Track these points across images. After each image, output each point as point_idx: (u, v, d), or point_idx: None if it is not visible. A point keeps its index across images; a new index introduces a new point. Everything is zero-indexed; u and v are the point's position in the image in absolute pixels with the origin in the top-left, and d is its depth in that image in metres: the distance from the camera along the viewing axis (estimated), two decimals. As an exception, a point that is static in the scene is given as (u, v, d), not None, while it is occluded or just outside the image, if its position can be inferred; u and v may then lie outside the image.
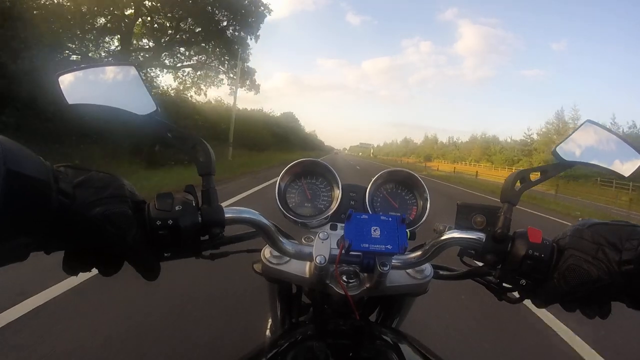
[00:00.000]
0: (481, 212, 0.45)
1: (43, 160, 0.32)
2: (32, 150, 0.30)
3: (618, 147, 0.44)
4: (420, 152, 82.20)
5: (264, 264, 0.51)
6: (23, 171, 0.28)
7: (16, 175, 0.27)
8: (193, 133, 0.42)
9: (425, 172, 25.12)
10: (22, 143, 0.30)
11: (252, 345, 0.49)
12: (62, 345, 1.46)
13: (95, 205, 0.34)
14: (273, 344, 0.51)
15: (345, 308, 0.47)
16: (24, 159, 0.29)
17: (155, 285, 1.94)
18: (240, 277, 2.12)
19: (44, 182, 0.30)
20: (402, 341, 0.47)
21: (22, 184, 0.28)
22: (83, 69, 0.41)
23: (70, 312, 1.74)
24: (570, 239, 0.40)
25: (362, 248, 0.41)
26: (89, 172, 0.36)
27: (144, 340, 1.56)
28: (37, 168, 0.30)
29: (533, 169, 0.44)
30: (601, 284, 0.37)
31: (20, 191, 0.28)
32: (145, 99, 0.41)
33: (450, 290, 2.31)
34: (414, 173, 0.58)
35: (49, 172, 0.31)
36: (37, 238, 0.31)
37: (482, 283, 0.49)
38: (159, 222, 0.37)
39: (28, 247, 0.31)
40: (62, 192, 0.32)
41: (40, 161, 0.31)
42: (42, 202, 0.30)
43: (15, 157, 0.28)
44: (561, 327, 2.07)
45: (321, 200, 0.58)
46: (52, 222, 0.31)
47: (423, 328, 1.79)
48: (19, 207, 0.28)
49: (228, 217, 0.41)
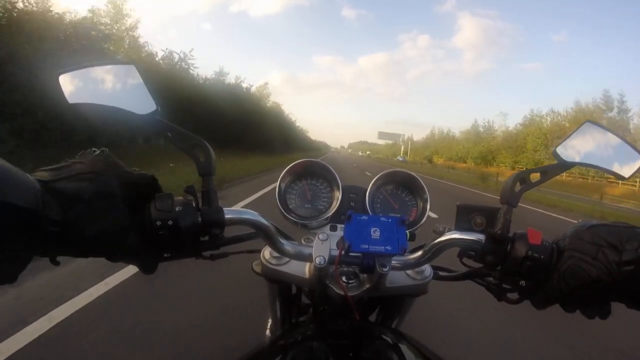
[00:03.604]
0: (481, 213, 0.45)
1: (30, 181, 0.30)
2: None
3: (618, 147, 0.44)
4: (419, 151, 76.67)
5: (263, 265, 0.51)
6: (10, 201, 0.26)
7: (3, 205, 0.26)
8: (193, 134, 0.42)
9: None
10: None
11: (252, 345, 0.49)
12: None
13: (87, 222, 0.33)
14: (273, 344, 0.52)
15: (345, 308, 0.47)
16: (11, 185, 0.27)
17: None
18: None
19: (33, 212, 0.28)
20: (402, 341, 0.47)
21: (9, 214, 0.26)
22: (83, 68, 0.41)
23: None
24: (570, 240, 0.40)
25: (362, 249, 0.41)
26: (73, 178, 0.34)
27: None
28: (25, 195, 0.28)
29: (533, 170, 0.44)
30: (601, 285, 0.37)
31: (8, 222, 0.27)
32: (145, 98, 0.41)
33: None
34: (414, 174, 0.58)
35: (38, 197, 0.29)
36: (25, 264, 0.30)
37: (481, 284, 0.49)
38: (159, 222, 0.37)
39: (16, 272, 0.30)
40: (52, 222, 0.31)
41: (27, 184, 0.29)
42: (30, 232, 0.29)
43: (2, 184, 0.26)
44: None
45: (321, 201, 0.58)
46: (44, 247, 0.31)
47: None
48: (6, 238, 0.27)
49: (228, 217, 0.41)
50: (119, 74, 0.42)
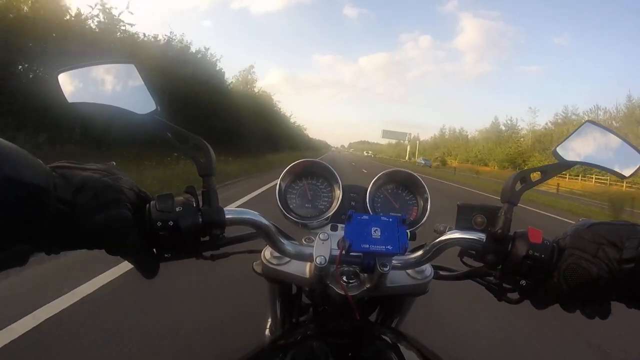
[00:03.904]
0: (481, 213, 0.45)
1: (43, 165, 0.31)
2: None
3: (618, 147, 0.44)
4: (428, 152, 67.56)
5: (264, 265, 0.51)
6: (22, 178, 0.27)
7: (15, 182, 0.26)
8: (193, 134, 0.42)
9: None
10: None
11: (252, 345, 0.49)
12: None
13: (95, 211, 0.33)
14: (273, 344, 0.51)
15: (345, 308, 0.47)
16: (23, 164, 0.28)
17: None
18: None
19: (44, 189, 0.29)
20: (402, 341, 0.47)
21: (21, 191, 0.27)
22: (83, 67, 0.41)
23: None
24: (571, 239, 0.40)
25: (363, 249, 0.41)
26: (87, 170, 0.35)
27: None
28: (36, 174, 0.29)
29: (533, 169, 0.44)
30: (601, 282, 0.37)
31: (19, 199, 0.27)
32: (145, 98, 0.40)
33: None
34: (415, 173, 0.58)
35: (49, 178, 0.30)
36: (36, 244, 0.30)
37: (482, 283, 0.49)
38: (160, 223, 0.37)
39: (27, 253, 0.30)
40: (62, 200, 0.31)
41: (39, 166, 0.30)
42: (41, 210, 0.29)
43: (14, 163, 0.27)
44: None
45: (322, 201, 0.58)
46: (51, 229, 0.31)
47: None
48: (17, 215, 0.27)
49: (228, 218, 0.41)
50: (118, 73, 0.42)
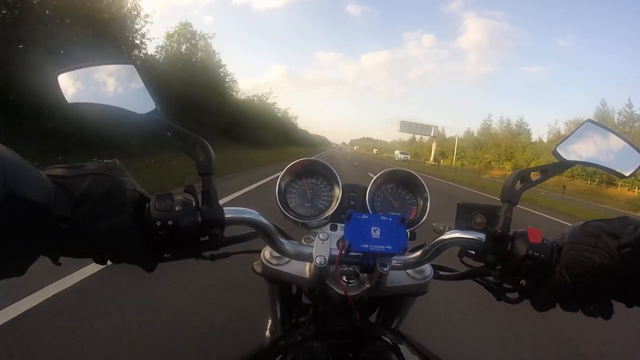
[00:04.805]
0: (481, 212, 0.45)
1: (43, 178, 0.30)
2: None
3: (618, 146, 0.44)
4: (468, 154, 54.67)
5: (264, 265, 0.51)
6: (23, 194, 0.27)
7: (16, 199, 0.26)
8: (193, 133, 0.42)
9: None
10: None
11: (252, 345, 0.48)
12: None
13: (95, 220, 0.33)
14: (273, 344, 0.51)
15: (345, 308, 0.47)
16: (24, 179, 0.28)
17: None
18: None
19: (44, 206, 0.29)
20: (402, 342, 0.47)
21: (21, 207, 0.27)
22: (82, 67, 0.41)
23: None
24: (569, 237, 0.40)
25: (362, 248, 0.41)
26: (87, 178, 0.34)
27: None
28: (37, 190, 0.28)
29: (533, 169, 0.44)
30: (604, 269, 0.37)
31: (19, 215, 0.27)
32: (145, 97, 0.40)
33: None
34: (414, 172, 0.58)
35: (49, 192, 0.30)
36: (35, 257, 0.31)
37: (481, 283, 0.49)
38: (159, 222, 0.37)
39: (25, 264, 0.30)
40: (61, 218, 0.31)
41: (40, 180, 0.30)
42: (41, 226, 0.29)
43: (16, 177, 0.26)
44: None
45: (321, 200, 0.58)
46: (52, 243, 0.31)
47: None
48: (17, 231, 0.27)
49: (228, 217, 0.41)
50: (118, 73, 0.42)
